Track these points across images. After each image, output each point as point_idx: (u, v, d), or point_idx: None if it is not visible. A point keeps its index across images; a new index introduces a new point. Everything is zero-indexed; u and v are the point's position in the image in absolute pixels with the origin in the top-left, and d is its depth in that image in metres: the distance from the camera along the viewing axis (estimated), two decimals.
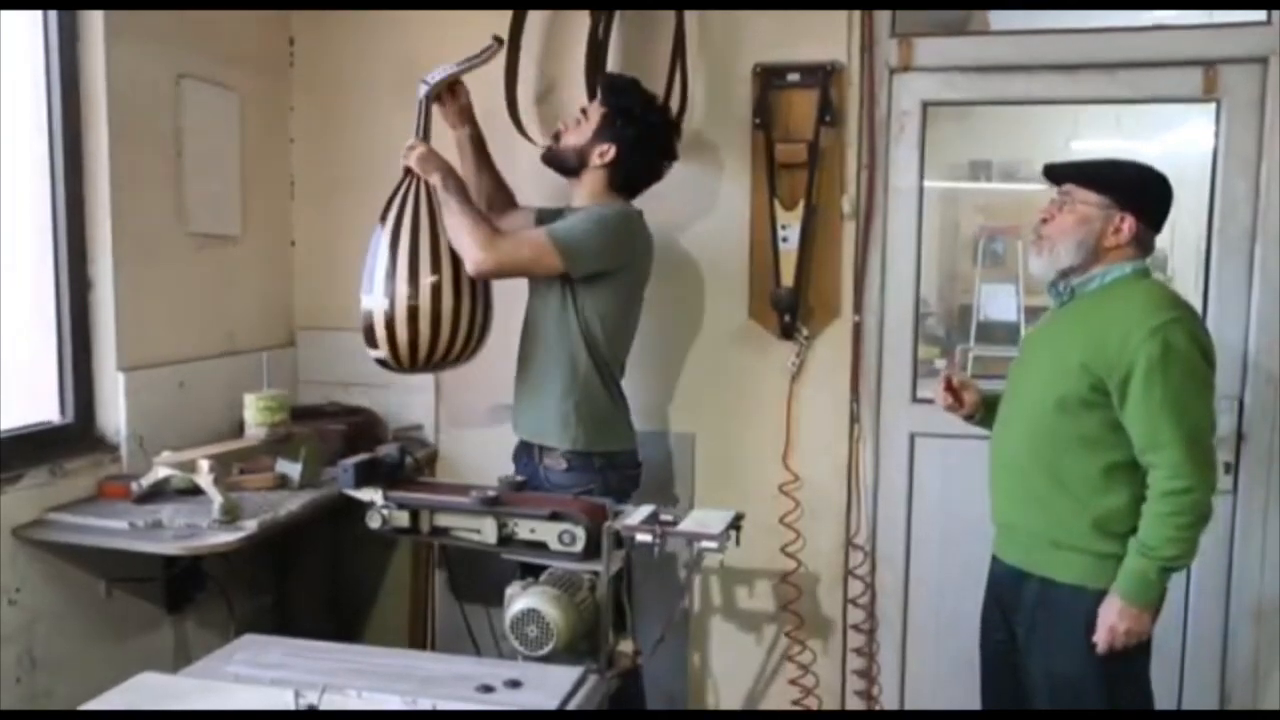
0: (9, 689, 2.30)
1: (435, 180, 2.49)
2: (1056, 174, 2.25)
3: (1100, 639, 2.09)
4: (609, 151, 2.53)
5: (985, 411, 2.44)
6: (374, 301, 2.48)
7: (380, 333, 2.48)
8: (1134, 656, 2.13)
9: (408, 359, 2.52)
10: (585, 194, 2.59)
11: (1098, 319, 2.13)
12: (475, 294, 2.55)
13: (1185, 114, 4.45)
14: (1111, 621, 2.07)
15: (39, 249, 2.51)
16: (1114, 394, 2.07)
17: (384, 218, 2.50)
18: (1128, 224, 2.14)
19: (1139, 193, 2.17)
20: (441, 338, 2.51)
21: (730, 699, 3.14)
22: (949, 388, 2.45)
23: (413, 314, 2.46)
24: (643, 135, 2.55)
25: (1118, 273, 2.16)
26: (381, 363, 2.56)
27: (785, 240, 2.89)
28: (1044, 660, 2.19)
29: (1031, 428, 2.19)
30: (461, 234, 2.43)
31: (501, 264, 2.43)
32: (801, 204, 2.87)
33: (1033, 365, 2.28)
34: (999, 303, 6.88)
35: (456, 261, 2.49)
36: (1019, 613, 2.24)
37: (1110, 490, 2.10)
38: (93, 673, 2.38)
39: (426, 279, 2.46)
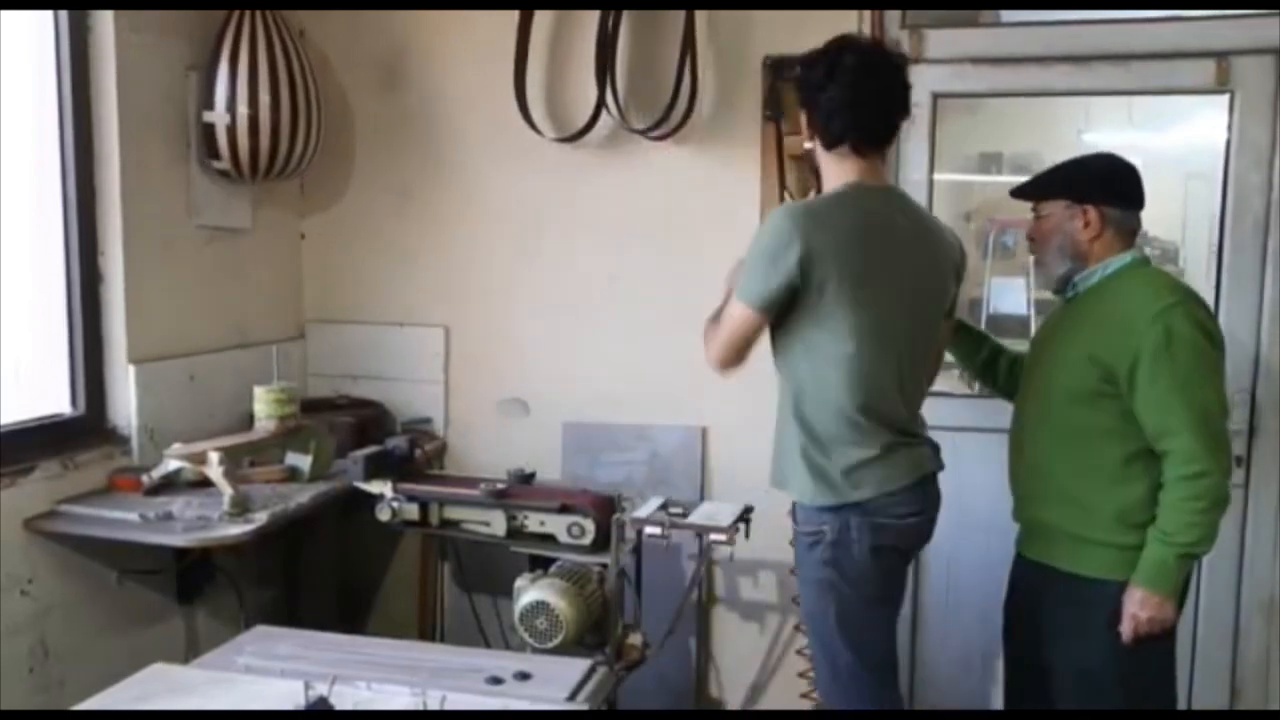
0: (22, 679, 2.32)
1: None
2: (1017, 193, 2.31)
3: (1124, 628, 2.08)
4: None
5: (972, 342, 2.54)
6: (217, 117, 2.73)
7: (223, 145, 2.75)
8: (1158, 650, 2.13)
9: (249, 168, 2.79)
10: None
11: (1101, 310, 2.14)
12: (310, 111, 2.89)
13: (1198, 106, 4.42)
14: (1133, 610, 2.07)
15: (50, 242, 2.51)
16: (1122, 383, 2.07)
17: (220, 42, 2.74)
18: (1092, 215, 2.16)
19: (1087, 182, 2.20)
20: (280, 148, 2.80)
21: (738, 691, 3.14)
22: None
23: (253, 125, 2.73)
24: None
25: (1118, 264, 2.17)
26: (223, 174, 2.81)
27: None
28: (1068, 655, 2.18)
29: (1047, 424, 2.20)
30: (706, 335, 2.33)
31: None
32: (812, 195, 2.85)
33: (1043, 363, 2.28)
34: (1009, 296, 6.86)
35: (292, 79, 2.80)
36: (1043, 608, 2.23)
37: (1129, 481, 2.10)
38: (104, 663, 2.38)
39: (264, 95, 2.74)
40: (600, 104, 2.92)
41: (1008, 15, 3.20)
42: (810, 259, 2.03)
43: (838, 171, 2.19)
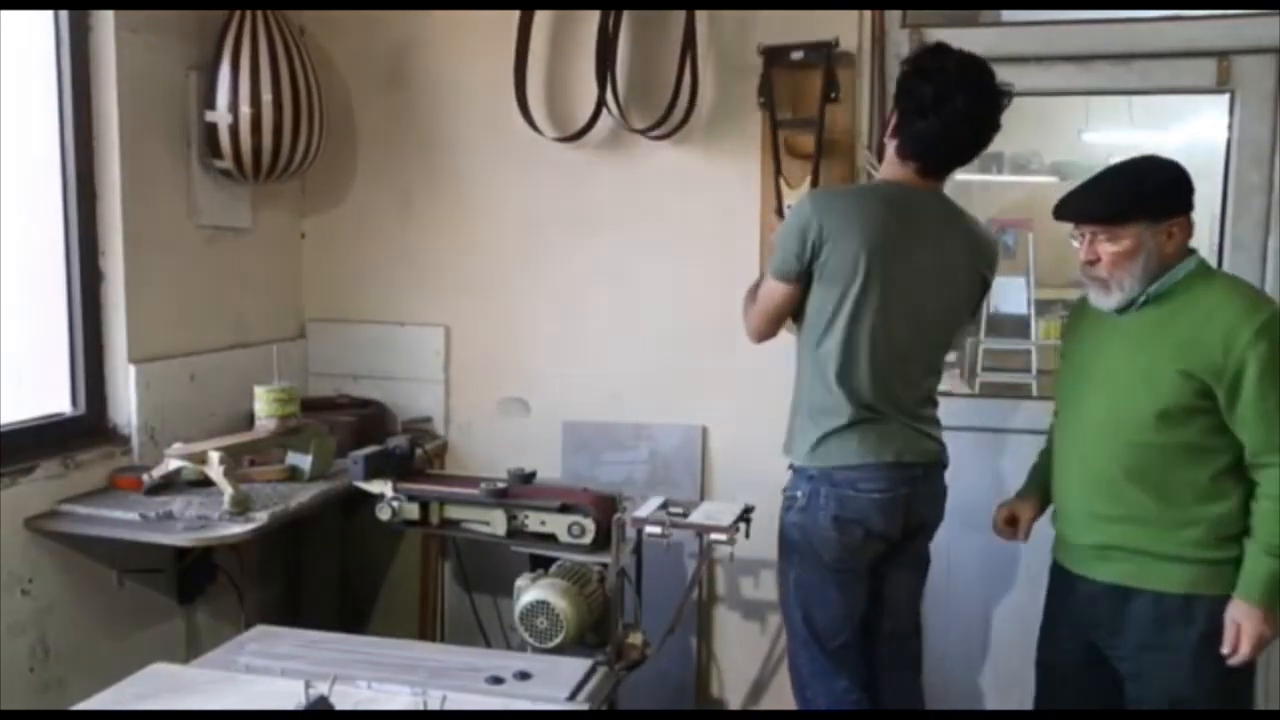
0: (22, 678, 2.32)
1: None
2: (1075, 216, 2.13)
3: (1243, 649, 2.00)
4: None
5: (1048, 495, 2.34)
6: (219, 116, 2.73)
7: (226, 145, 2.74)
8: (1252, 664, 2.07)
9: (251, 168, 2.79)
10: None
11: (1185, 322, 2.03)
12: (312, 110, 2.88)
13: (1198, 105, 4.42)
14: (1259, 631, 1.99)
15: (51, 242, 2.51)
16: (1221, 398, 1.99)
17: (221, 42, 2.74)
18: (1177, 228, 2.06)
19: (1169, 196, 2.08)
20: (283, 147, 2.80)
21: (738, 690, 3.14)
22: (1006, 526, 2.43)
23: (255, 124, 2.72)
24: None
25: (1183, 271, 2.07)
26: (225, 173, 2.81)
27: None
28: (1162, 675, 2.09)
29: (1128, 444, 2.07)
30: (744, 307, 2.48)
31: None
32: (807, 182, 2.79)
33: (1109, 378, 2.13)
34: (1010, 296, 6.87)
35: (294, 78, 2.80)
36: (1123, 632, 2.12)
37: (1221, 496, 2.03)
38: (104, 663, 2.39)
39: (266, 94, 2.74)
40: (600, 103, 2.92)
41: (1008, 15, 3.21)
42: (822, 236, 2.20)
43: (892, 170, 2.31)
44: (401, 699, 1.73)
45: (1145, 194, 2.07)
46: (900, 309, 2.23)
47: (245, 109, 2.73)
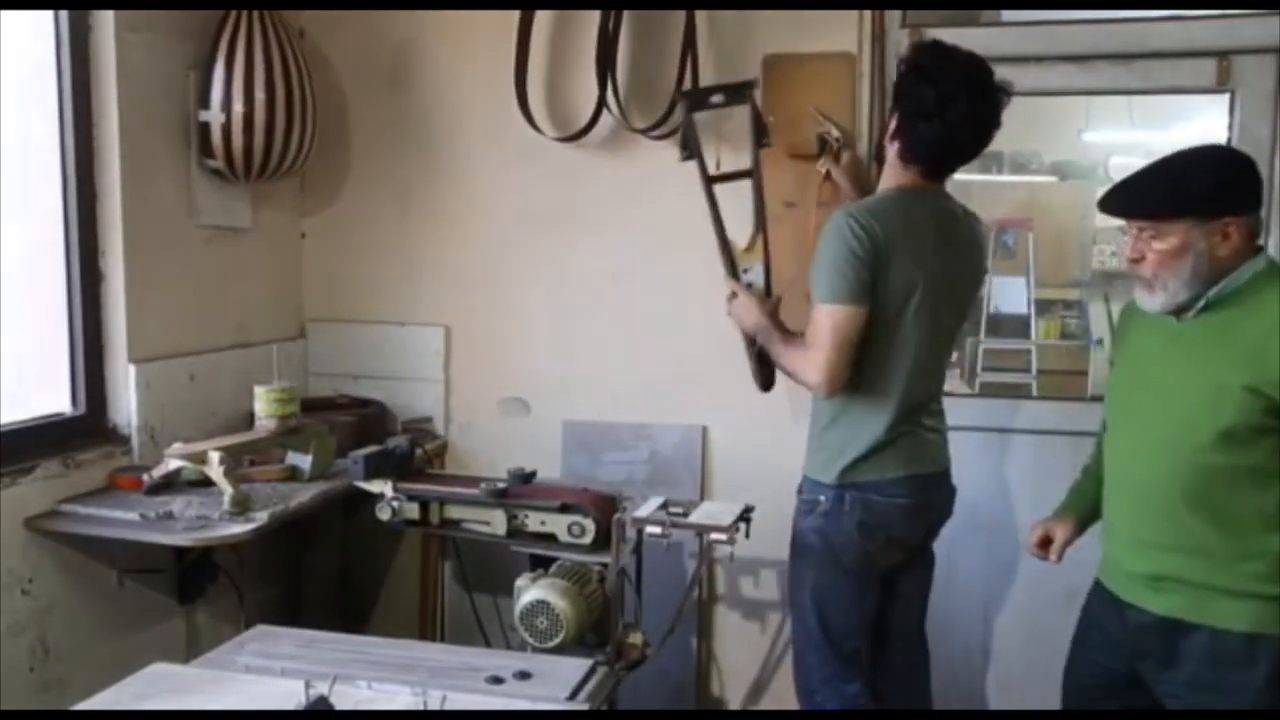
0: (22, 678, 2.32)
1: (752, 333, 2.40)
2: (1116, 211, 1.97)
3: None
4: None
5: (1088, 515, 2.21)
6: (212, 115, 2.72)
7: (218, 144, 2.73)
8: None
9: (242, 167, 2.77)
10: None
11: (1251, 331, 1.85)
12: (305, 109, 2.86)
13: (1198, 105, 4.42)
14: None
15: (51, 242, 2.51)
16: None
17: (217, 42, 2.73)
18: (1233, 228, 1.85)
19: (1222, 194, 1.88)
20: (274, 146, 2.78)
21: (739, 690, 3.14)
22: (1041, 545, 2.27)
23: (247, 123, 2.71)
24: None
25: (1250, 271, 1.88)
26: (217, 173, 2.80)
27: (751, 285, 2.47)
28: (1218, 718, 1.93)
29: (1187, 466, 1.89)
30: (796, 367, 2.28)
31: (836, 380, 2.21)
32: (759, 240, 2.49)
33: (1166, 391, 1.95)
34: (1010, 296, 6.87)
35: (287, 77, 2.78)
36: (1176, 668, 1.94)
37: None
38: (105, 663, 2.39)
39: (259, 93, 2.73)
40: (601, 103, 2.92)
41: (1008, 15, 3.21)
42: (889, 246, 2.14)
43: (897, 175, 2.29)
44: (401, 699, 1.73)
45: (1191, 190, 1.88)
46: (935, 319, 2.24)
47: (238, 107, 2.72)
